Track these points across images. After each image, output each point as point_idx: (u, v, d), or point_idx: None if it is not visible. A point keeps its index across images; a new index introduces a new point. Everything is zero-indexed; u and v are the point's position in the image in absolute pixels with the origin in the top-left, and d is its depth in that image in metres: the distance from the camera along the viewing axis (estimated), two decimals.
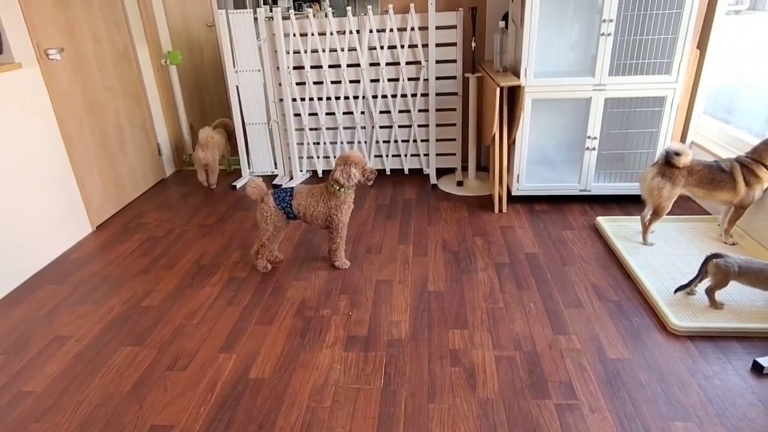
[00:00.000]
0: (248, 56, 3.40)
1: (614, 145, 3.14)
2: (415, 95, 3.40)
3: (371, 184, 2.37)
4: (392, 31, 3.23)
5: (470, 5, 3.27)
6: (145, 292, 2.36)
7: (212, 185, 3.60)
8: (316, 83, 3.42)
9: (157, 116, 3.77)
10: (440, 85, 3.37)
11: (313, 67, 3.38)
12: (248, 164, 3.75)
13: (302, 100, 3.48)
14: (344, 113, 3.50)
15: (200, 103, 4.51)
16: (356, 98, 3.44)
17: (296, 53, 3.36)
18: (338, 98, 3.45)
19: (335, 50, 3.31)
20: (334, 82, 3.41)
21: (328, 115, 3.52)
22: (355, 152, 2.31)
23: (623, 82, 2.74)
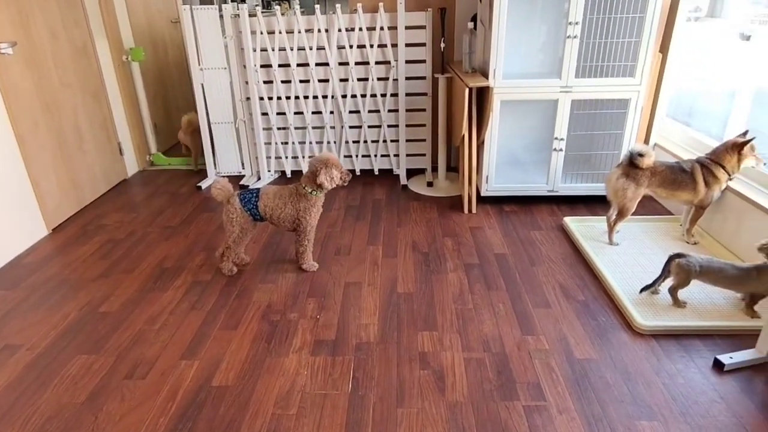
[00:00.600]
0: (214, 54, 3.31)
1: (580, 146, 3.19)
2: (384, 95, 3.37)
3: (346, 185, 2.34)
4: (361, 30, 3.20)
5: (439, 6, 3.27)
6: (103, 296, 2.27)
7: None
8: (284, 82, 3.36)
9: (118, 114, 3.64)
10: (410, 85, 3.36)
11: (280, 65, 3.32)
12: (214, 164, 3.66)
13: (270, 98, 3.41)
14: (313, 113, 3.45)
15: (165, 101, 4.39)
16: (325, 98, 3.39)
17: (263, 51, 3.29)
18: (307, 97, 3.39)
19: (303, 49, 3.26)
20: (302, 81, 3.35)
21: (296, 114, 3.46)
22: (331, 154, 2.26)
23: (589, 84, 2.78)
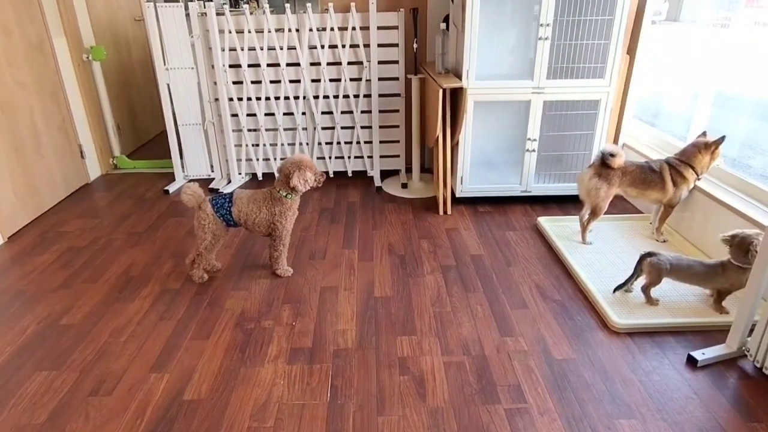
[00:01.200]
0: (180, 53, 3.21)
1: (553, 146, 3.22)
2: (357, 96, 3.33)
3: (320, 186, 2.29)
4: (333, 30, 3.15)
5: (411, 6, 3.25)
6: (64, 308, 2.15)
7: None
8: (254, 82, 3.28)
9: (78, 116, 3.48)
10: (383, 86, 3.33)
11: (250, 65, 3.24)
12: (182, 167, 3.54)
13: (239, 99, 3.32)
14: (284, 114, 3.38)
15: (129, 102, 4.23)
16: (297, 98, 3.33)
17: (232, 51, 3.20)
18: (278, 98, 3.32)
19: (274, 49, 3.19)
20: (273, 81, 3.28)
21: (267, 115, 3.39)
22: (305, 156, 2.20)
23: (560, 85, 2.81)
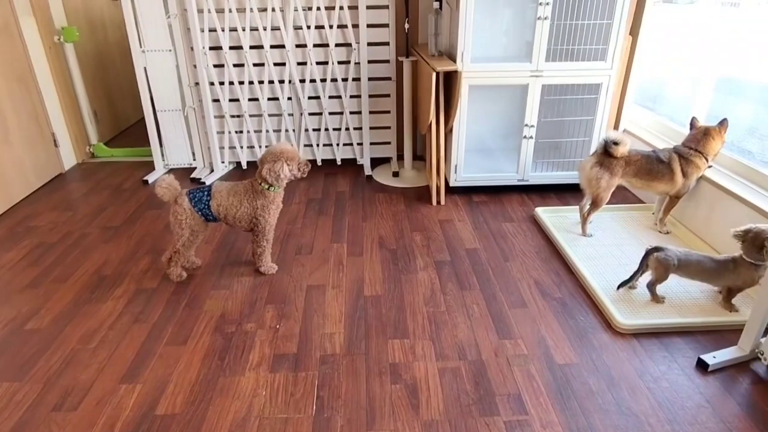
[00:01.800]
0: (157, 34, 3.01)
1: (551, 133, 3.08)
2: (346, 80, 3.16)
3: (305, 176, 2.13)
4: (319, 9, 2.97)
5: None
6: (32, 311, 2.00)
7: None
8: (236, 66, 3.10)
9: (51, 102, 3.28)
10: (373, 69, 3.16)
11: (232, 47, 3.05)
12: (162, 156, 3.37)
13: (221, 84, 3.14)
14: (269, 99, 3.21)
15: (106, 87, 4.03)
16: (282, 83, 3.15)
17: (212, 32, 3.01)
18: (262, 82, 3.15)
19: (257, 29, 3.00)
20: (256, 64, 3.10)
21: (251, 101, 3.21)
22: (287, 146, 2.04)
23: (560, 68, 2.66)
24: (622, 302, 1.97)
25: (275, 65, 3.11)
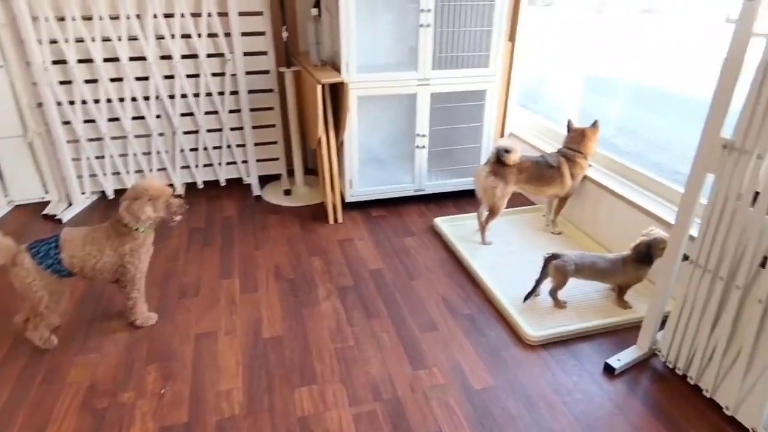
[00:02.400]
0: None
1: (442, 141, 3.06)
2: (222, 93, 2.88)
3: (180, 219, 1.83)
4: (183, 16, 2.65)
5: None
6: None
7: None
8: (88, 82, 2.68)
9: None
10: (252, 81, 2.91)
11: (81, 61, 2.63)
12: (3, 190, 2.83)
13: (71, 103, 2.70)
14: (134, 118, 2.82)
15: None
16: (147, 99, 2.79)
17: (54, 44, 2.57)
18: (122, 100, 2.75)
19: (109, 39, 2.61)
20: (114, 79, 2.70)
21: (111, 121, 2.80)
22: (155, 182, 1.74)
23: (446, 75, 2.63)
24: (528, 311, 1.97)
25: (137, 80, 2.73)
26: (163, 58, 2.72)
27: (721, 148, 1.40)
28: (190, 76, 2.80)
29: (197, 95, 2.84)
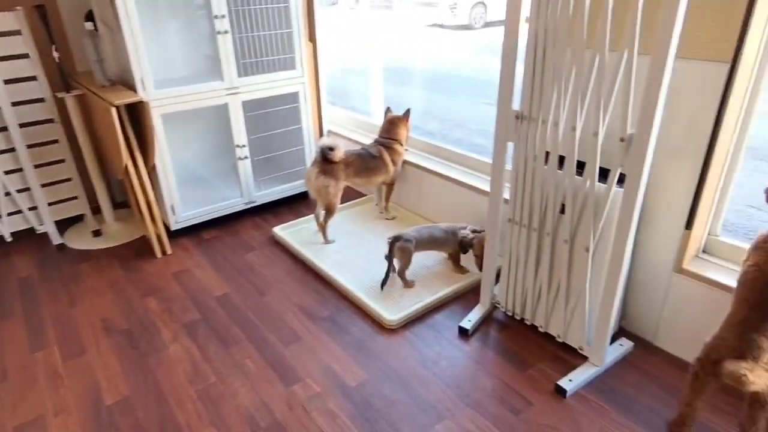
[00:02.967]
0: None
1: (264, 149, 2.97)
2: None
3: None
4: None
5: (34, 3, 2.43)
6: None
7: None
8: None
9: None
10: (23, 112, 2.45)
11: None
12: None
13: None
14: None
15: None
16: None
17: None
18: None
19: None
20: None
21: None
22: None
23: (254, 81, 2.55)
24: (383, 299, 2.04)
25: None
26: None
27: (514, 118, 1.62)
28: None
29: None
